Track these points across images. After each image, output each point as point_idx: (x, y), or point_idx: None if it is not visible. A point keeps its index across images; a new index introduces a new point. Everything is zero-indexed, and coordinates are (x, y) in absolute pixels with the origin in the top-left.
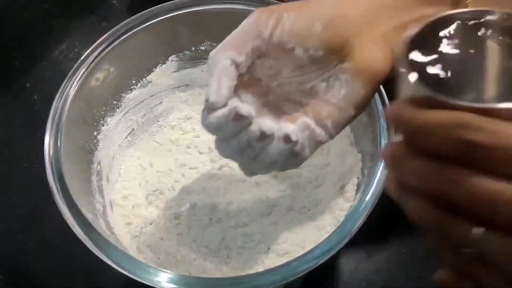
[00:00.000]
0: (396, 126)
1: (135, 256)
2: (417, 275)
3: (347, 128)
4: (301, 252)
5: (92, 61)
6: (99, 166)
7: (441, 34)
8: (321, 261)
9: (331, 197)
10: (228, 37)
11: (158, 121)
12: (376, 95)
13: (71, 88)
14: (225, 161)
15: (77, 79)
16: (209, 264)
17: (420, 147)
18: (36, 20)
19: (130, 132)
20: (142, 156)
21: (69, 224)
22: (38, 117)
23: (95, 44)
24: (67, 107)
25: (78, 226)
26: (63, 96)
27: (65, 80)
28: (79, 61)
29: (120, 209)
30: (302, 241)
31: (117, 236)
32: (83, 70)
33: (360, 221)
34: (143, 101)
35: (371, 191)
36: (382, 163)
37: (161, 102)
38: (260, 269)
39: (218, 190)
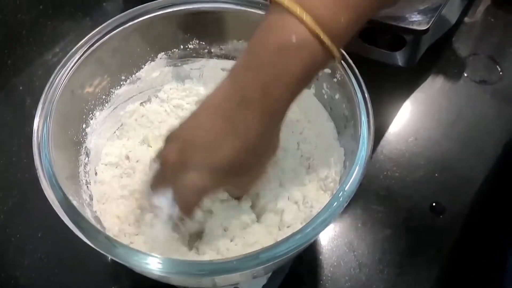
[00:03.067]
0: None
1: None
2: (399, 270)
3: (331, 124)
4: None
5: (82, 55)
6: (86, 158)
7: None
8: (299, 247)
9: (315, 191)
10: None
11: (147, 118)
12: (357, 88)
13: (60, 79)
14: None
15: (67, 71)
16: (193, 251)
17: None
18: (30, 22)
19: (118, 127)
20: (129, 151)
21: (56, 210)
22: (28, 114)
23: (85, 39)
24: (56, 98)
25: (65, 212)
26: (53, 87)
27: (55, 72)
28: (69, 54)
29: (105, 200)
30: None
31: (103, 226)
32: (73, 63)
33: (338, 209)
34: (132, 97)
35: (350, 181)
36: (363, 155)
37: (150, 99)
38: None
39: None
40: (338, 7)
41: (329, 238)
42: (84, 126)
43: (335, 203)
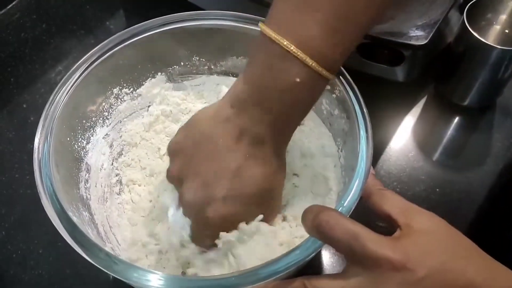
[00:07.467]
0: None
1: None
2: None
3: (332, 139)
4: None
5: (83, 72)
6: (87, 175)
7: None
8: (299, 263)
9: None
10: None
11: (148, 134)
12: (356, 104)
13: (61, 96)
14: None
15: (68, 88)
16: (192, 266)
17: None
18: (33, 40)
19: (118, 144)
20: (130, 167)
21: (56, 226)
22: (31, 131)
23: (85, 56)
24: (57, 115)
25: (65, 229)
26: (54, 104)
27: (56, 89)
28: (70, 71)
29: (106, 217)
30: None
31: (103, 242)
32: (74, 80)
33: None
34: (132, 113)
35: (349, 196)
36: (362, 170)
37: (151, 115)
38: None
39: None
40: (336, 36)
41: (330, 253)
42: (85, 142)
43: None
